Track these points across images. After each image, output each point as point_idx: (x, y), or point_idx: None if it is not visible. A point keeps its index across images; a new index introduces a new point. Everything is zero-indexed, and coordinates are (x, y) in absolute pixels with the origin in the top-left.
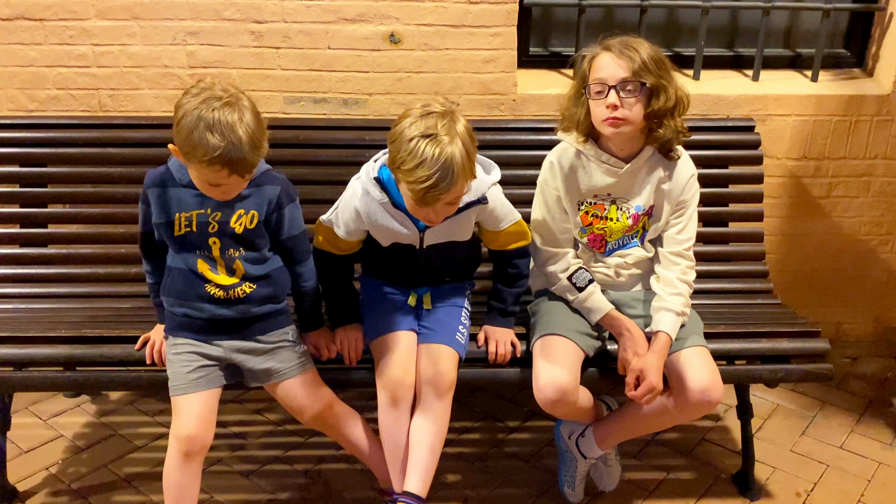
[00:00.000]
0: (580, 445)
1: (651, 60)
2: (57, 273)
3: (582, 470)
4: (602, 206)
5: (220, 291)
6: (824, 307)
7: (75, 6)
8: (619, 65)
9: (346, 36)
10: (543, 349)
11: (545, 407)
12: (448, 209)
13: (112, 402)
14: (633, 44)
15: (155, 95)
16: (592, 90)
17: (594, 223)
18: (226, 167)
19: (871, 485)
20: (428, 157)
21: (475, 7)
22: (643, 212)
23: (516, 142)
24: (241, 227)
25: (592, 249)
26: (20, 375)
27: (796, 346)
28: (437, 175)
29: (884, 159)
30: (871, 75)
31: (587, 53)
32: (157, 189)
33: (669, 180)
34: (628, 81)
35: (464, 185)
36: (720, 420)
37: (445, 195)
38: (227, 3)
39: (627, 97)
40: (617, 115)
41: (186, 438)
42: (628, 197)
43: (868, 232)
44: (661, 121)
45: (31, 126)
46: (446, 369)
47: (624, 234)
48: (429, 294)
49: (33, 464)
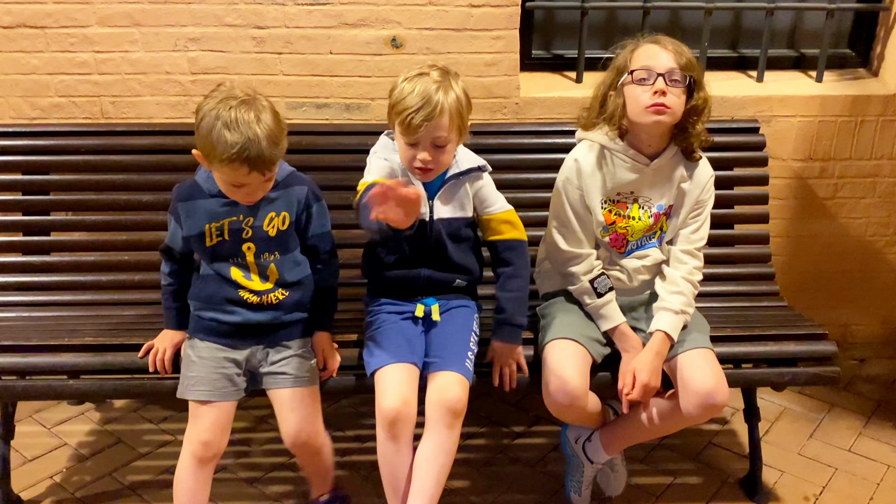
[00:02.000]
0: (587, 450)
1: (694, 58)
2: (60, 281)
3: (588, 475)
4: (625, 205)
5: (254, 297)
6: (831, 309)
7: (76, 13)
8: (668, 55)
9: (348, 41)
10: (554, 353)
11: (555, 412)
12: (440, 157)
13: (116, 409)
14: (679, 43)
15: (157, 102)
16: (636, 76)
17: (617, 222)
18: (245, 164)
19: (881, 488)
20: (418, 87)
21: (477, 10)
22: (663, 211)
23: (519, 145)
24: (274, 229)
25: (611, 250)
26: (23, 384)
27: (803, 348)
28: (423, 102)
29: (890, 160)
30: (876, 75)
31: (627, 45)
32: (187, 203)
33: (690, 180)
34: (676, 71)
35: (451, 128)
36: (727, 423)
37: (430, 123)
38: (228, 9)
39: (674, 87)
40: (665, 101)
41: (202, 444)
42: (651, 195)
43: (875, 233)
44: (694, 120)
45: (34, 134)
46: (456, 397)
47: (644, 233)
48: (437, 305)
49: (37, 472)
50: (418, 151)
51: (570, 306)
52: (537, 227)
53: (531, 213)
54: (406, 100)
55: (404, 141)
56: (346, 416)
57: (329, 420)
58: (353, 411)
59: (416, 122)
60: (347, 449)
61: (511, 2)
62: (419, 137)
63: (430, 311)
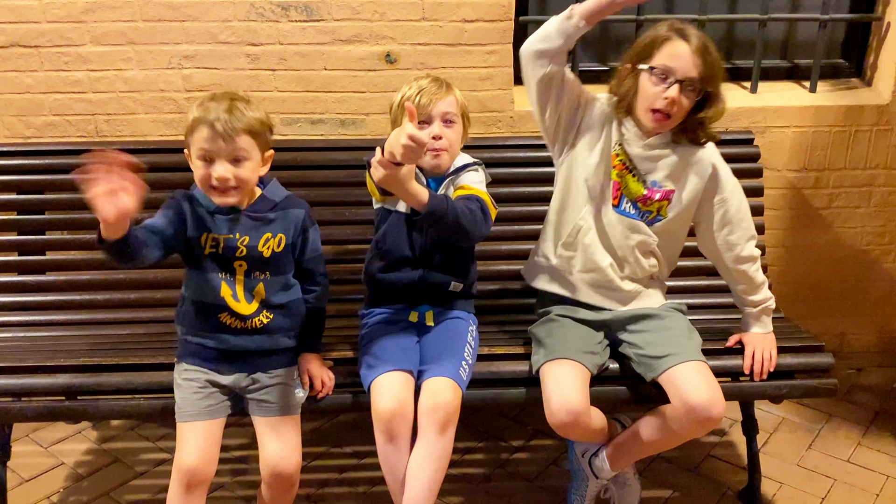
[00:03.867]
0: (592, 465)
1: (719, 69)
2: (55, 300)
3: (592, 490)
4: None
5: (238, 322)
6: (828, 318)
7: (70, 32)
8: (694, 62)
9: (342, 56)
10: (552, 373)
11: (559, 430)
12: (450, 135)
13: (113, 427)
14: (709, 45)
15: (151, 120)
16: (655, 73)
17: (617, 168)
18: (208, 128)
19: (880, 499)
20: (420, 80)
21: (470, 25)
22: (660, 189)
23: (514, 159)
24: (269, 250)
25: (607, 196)
26: (19, 406)
27: (800, 361)
28: (429, 83)
29: (884, 169)
30: (869, 85)
31: (661, 30)
32: (189, 204)
33: (697, 165)
34: (695, 81)
35: (457, 107)
36: (725, 435)
37: (439, 97)
38: (222, 27)
39: (685, 97)
40: (670, 111)
41: (188, 470)
42: (648, 169)
43: (870, 242)
44: (698, 128)
45: (28, 153)
46: (446, 401)
47: (639, 198)
48: (431, 312)
49: (34, 493)
50: (431, 129)
51: (561, 322)
52: (531, 240)
53: (526, 226)
54: (412, 89)
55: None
56: (343, 432)
57: (326, 437)
58: (350, 428)
59: (425, 99)
60: (345, 466)
61: (504, 16)
62: (430, 114)
63: (423, 318)
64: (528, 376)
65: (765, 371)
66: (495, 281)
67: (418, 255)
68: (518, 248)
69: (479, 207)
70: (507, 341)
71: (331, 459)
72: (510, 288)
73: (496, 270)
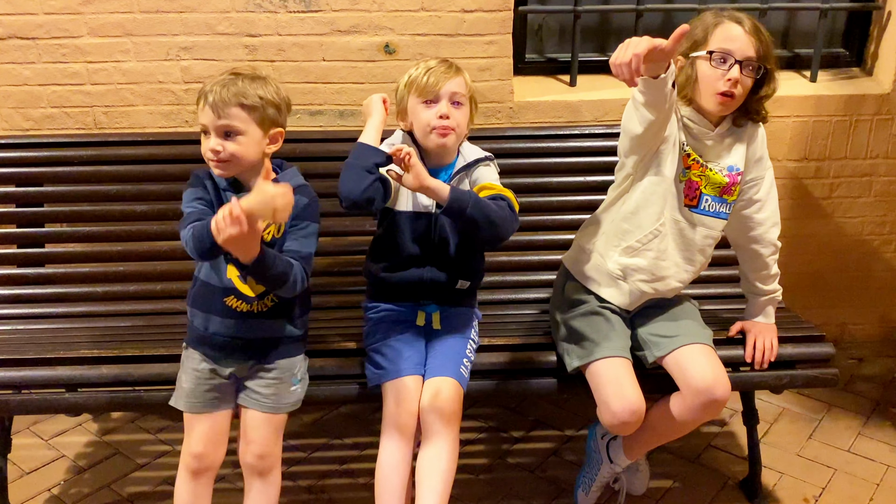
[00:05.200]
0: (610, 449)
1: (772, 45)
2: (55, 293)
3: (604, 476)
4: (699, 165)
5: (244, 304)
6: (829, 308)
7: (68, 24)
8: (750, 42)
9: (341, 47)
10: (607, 373)
11: (616, 430)
12: (458, 116)
13: (114, 419)
14: (759, 25)
15: (150, 111)
16: (714, 57)
17: (693, 168)
18: (203, 100)
19: (880, 488)
20: (430, 61)
21: (469, 16)
22: (735, 172)
23: (514, 150)
24: (270, 235)
25: (682, 199)
26: (19, 398)
27: (801, 351)
28: (439, 63)
29: (885, 158)
30: (870, 74)
31: (708, 17)
32: (210, 182)
33: (752, 143)
34: (752, 61)
35: (466, 88)
36: (726, 425)
37: (448, 76)
38: (220, 18)
39: (746, 77)
40: (734, 92)
41: (194, 456)
42: (719, 157)
43: (871, 232)
44: (759, 108)
45: (27, 146)
46: (446, 399)
47: (719, 191)
48: (438, 313)
49: (35, 485)
50: (439, 107)
51: (605, 314)
52: (533, 231)
53: (527, 217)
54: (419, 69)
55: (422, 101)
56: (344, 424)
57: (326, 428)
58: (351, 420)
59: (433, 78)
60: (346, 457)
61: (503, 6)
62: (439, 92)
63: (430, 320)
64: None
65: (766, 360)
66: (496, 272)
67: (425, 253)
68: (518, 239)
69: (506, 205)
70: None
71: (331, 451)
72: (510, 279)
73: (497, 262)
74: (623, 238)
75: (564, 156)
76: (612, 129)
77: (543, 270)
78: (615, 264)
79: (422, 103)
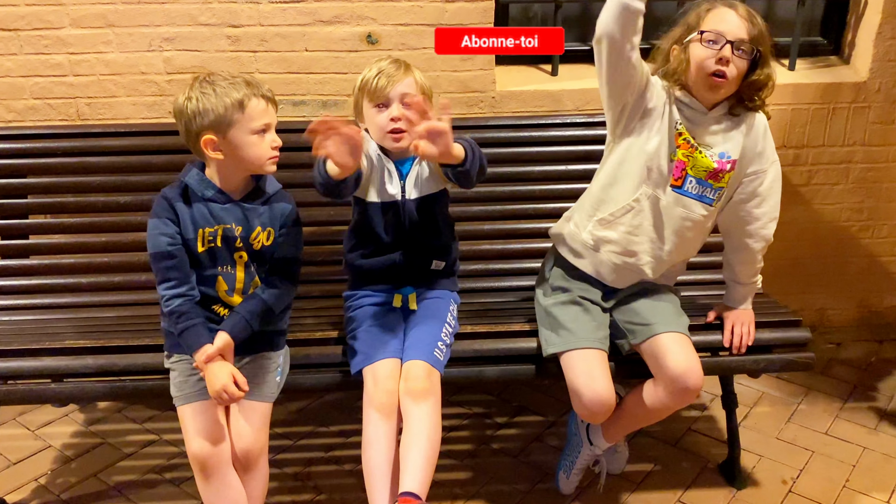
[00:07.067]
0: (590, 432)
1: (767, 33)
2: (40, 284)
3: (584, 458)
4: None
5: (228, 311)
6: (807, 294)
7: (49, 15)
8: (742, 25)
9: (323, 38)
10: (580, 364)
11: (587, 418)
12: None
13: (100, 410)
14: (753, 12)
15: (133, 102)
16: (706, 38)
17: (682, 147)
18: (261, 98)
19: (857, 470)
20: (380, 62)
21: (451, 6)
22: (727, 160)
23: (496, 139)
24: (259, 244)
25: (668, 177)
26: (5, 389)
27: (778, 335)
28: (388, 65)
29: (862, 146)
30: (847, 62)
31: (702, 4)
32: (182, 204)
33: (749, 133)
34: (745, 42)
35: (416, 87)
36: (706, 410)
37: (396, 78)
38: (202, 8)
39: (738, 58)
40: (726, 70)
41: (197, 460)
42: (711, 143)
43: (849, 218)
44: (753, 95)
45: (9, 137)
46: (419, 378)
47: (706, 175)
48: (414, 294)
49: (22, 475)
50: (390, 111)
51: (584, 305)
52: (514, 219)
53: (508, 205)
54: (371, 71)
55: (374, 105)
56: (329, 412)
57: (312, 416)
58: (336, 407)
59: (383, 81)
60: (331, 444)
61: None
62: (388, 96)
63: (406, 301)
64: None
65: (743, 345)
66: (478, 261)
67: (397, 238)
68: (500, 227)
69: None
70: (491, 320)
71: (317, 438)
72: (493, 267)
73: (479, 250)
74: (598, 209)
75: (546, 145)
76: (593, 118)
77: (525, 258)
78: (588, 234)
79: (374, 107)
